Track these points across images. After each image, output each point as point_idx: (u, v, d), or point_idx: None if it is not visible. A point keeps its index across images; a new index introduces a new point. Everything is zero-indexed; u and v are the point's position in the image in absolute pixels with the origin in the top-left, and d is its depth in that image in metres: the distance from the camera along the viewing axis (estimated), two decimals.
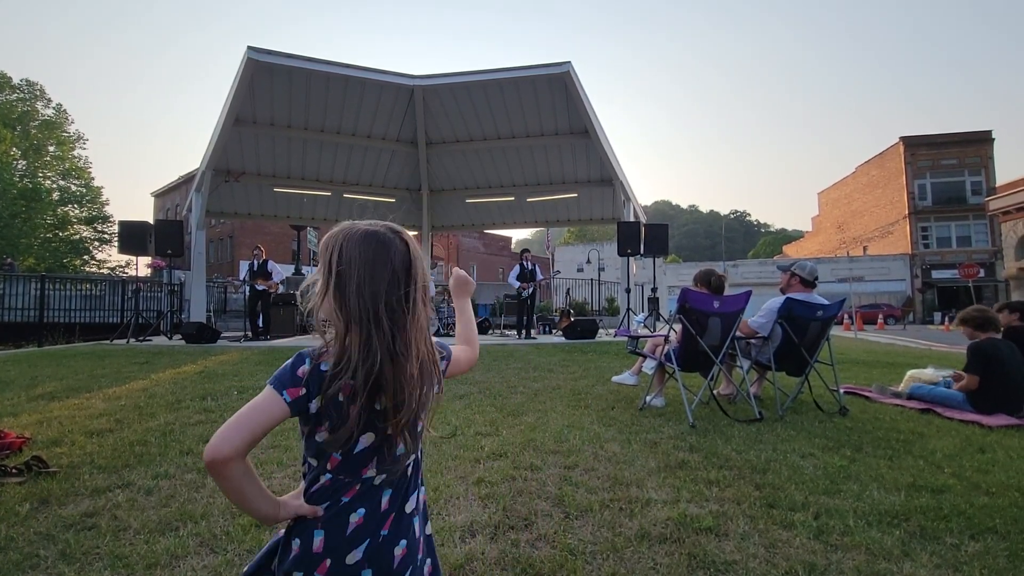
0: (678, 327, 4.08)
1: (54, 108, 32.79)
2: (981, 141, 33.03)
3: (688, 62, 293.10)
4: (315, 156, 13.42)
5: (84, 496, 2.30)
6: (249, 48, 10.17)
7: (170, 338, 10.25)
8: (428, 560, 1.08)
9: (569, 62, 10.97)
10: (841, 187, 42.23)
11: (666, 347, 4.09)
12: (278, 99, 11.67)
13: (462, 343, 1.28)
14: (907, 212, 33.55)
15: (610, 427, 3.50)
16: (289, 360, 0.96)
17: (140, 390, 4.70)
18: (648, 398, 4.18)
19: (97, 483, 2.43)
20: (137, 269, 11.39)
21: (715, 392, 4.30)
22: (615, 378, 4.85)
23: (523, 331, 10.56)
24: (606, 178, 13.35)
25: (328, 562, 0.94)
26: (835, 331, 11.14)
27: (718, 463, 2.77)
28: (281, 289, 10.76)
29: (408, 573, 0.99)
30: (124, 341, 9.33)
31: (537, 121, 12.72)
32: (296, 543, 0.95)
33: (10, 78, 31.40)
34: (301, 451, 1.01)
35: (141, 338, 9.59)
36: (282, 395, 0.92)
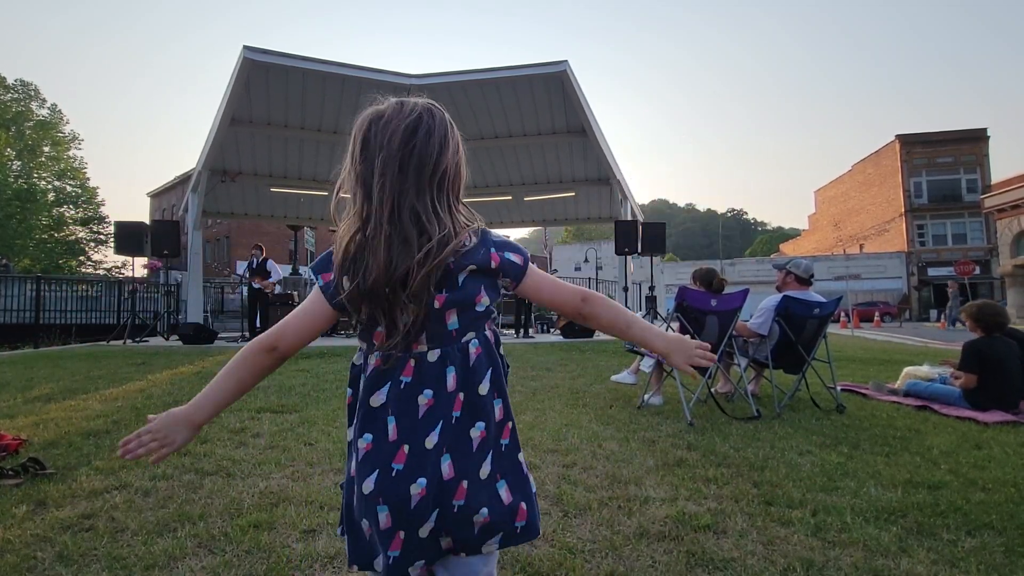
0: (676, 325, 4.08)
1: (49, 108, 32.68)
2: (976, 139, 33.15)
3: (684, 61, 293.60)
4: (312, 156, 13.39)
5: (81, 498, 2.29)
6: (245, 47, 10.14)
7: (167, 339, 10.21)
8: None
9: (566, 61, 10.97)
10: (838, 185, 42.34)
11: None
12: (274, 99, 11.63)
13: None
14: (903, 210, 33.67)
15: (608, 426, 3.50)
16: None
17: (137, 391, 4.68)
18: (646, 397, 4.18)
19: (94, 485, 2.42)
20: (133, 270, 11.36)
21: (713, 390, 4.31)
22: (614, 377, 4.86)
23: (521, 330, 10.57)
24: (603, 177, 13.35)
25: (406, 448, 0.90)
26: (832, 329, 11.17)
27: (716, 461, 2.78)
28: (278, 289, 10.72)
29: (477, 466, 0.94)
30: (121, 342, 9.29)
31: (534, 120, 12.72)
32: (367, 438, 0.92)
33: (4, 78, 31.26)
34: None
35: (138, 339, 9.56)
36: (318, 280, 0.96)
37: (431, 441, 0.90)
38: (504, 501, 0.95)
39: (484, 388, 0.96)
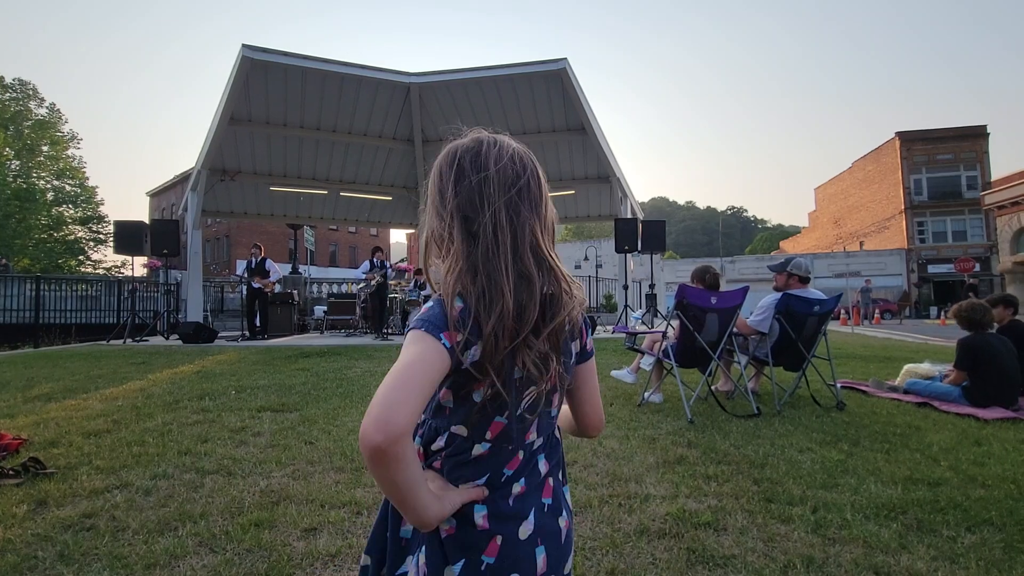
0: (676, 323, 4.08)
1: (47, 108, 32.54)
2: (976, 136, 33.10)
3: (684, 59, 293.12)
4: (311, 155, 13.38)
5: (82, 497, 2.29)
6: (244, 46, 10.12)
7: (167, 338, 10.21)
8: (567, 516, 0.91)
9: (565, 59, 10.96)
10: (837, 182, 42.30)
11: (664, 343, 4.10)
12: (273, 97, 11.62)
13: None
14: (903, 207, 33.64)
15: (608, 423, 3.50)
16: (429, 303, 0.77)
17: (137, 390, 4.68)
18: (646, 394, 4.19)
19: (95, 484, 2.42)
20: (133, 269, 11.35)
21: (713, 388, 4.31)
22: (614, 372, 4.86)
23: None
24: (603, 175, 13.35)
25: (499, 539, 0.78)
26: (832, 326, 11.17)
27: (716, 458, 2.78)
28: (278, 288, 10.72)
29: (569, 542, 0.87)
30: (121, 342, 9.29)
31: (534, 118, 12.70)
32: (450, 522, 0.78)
33: (2, 77, 31.15)
34: (425, 426, 0.83)
35: (138, 338, 9.56)
36: (440, 339, 0.72)
37: (525, 531, 0.81)
38: None
39: (561, 475, 0.90)
